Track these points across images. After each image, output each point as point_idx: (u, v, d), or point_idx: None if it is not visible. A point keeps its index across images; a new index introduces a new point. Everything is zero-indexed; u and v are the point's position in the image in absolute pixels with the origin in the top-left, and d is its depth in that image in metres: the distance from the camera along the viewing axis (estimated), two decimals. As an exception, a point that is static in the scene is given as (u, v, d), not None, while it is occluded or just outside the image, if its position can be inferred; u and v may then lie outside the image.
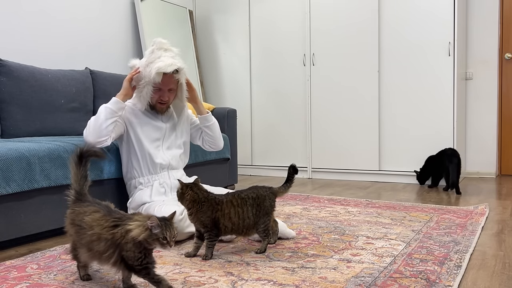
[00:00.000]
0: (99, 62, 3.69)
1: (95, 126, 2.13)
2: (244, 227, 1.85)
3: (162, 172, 2.30)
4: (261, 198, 1.87)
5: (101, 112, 2.14)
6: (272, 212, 1.91)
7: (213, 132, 2.44)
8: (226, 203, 1.83)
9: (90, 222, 1.44)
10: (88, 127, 2.15)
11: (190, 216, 1.82)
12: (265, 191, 1.90)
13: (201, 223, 1.81)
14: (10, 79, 2.64)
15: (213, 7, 4.68)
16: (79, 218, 1.48)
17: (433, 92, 3.73)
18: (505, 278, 1.59)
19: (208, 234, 1.81)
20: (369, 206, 2.82)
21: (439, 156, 3.46)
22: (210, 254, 1.80)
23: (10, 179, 1.95)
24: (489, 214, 2.58)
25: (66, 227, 1.55)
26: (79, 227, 1.47)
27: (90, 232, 1.42)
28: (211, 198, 1.83)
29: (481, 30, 4.13)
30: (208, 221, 1.80)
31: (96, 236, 1.40)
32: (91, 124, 2.14)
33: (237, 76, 4.58)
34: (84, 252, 1.47)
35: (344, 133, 4.08)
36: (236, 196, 1.86)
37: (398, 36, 3.83)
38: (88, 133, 2.14)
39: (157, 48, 2.18)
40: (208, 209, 1.80)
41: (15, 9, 3.07)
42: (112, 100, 2.18)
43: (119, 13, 3.90)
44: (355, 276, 1.58)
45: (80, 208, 1.51)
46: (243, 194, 1.87)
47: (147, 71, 2.15)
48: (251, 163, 4.54)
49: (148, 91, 2.19)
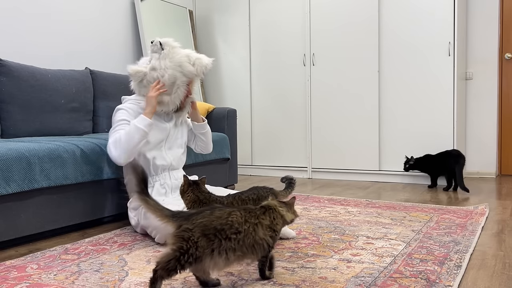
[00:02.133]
0: (99, 62, 3.69)
1: (128, 147, 2.08)
2: None
3: (163, 173, 2.30)
4: (262, 199, 1.87)
5: (135, 133, 2.08)
6: None
7: (207, 138, 2.50)
8: (227, 205, 1.83)
9: (241, 224, 1.42)
10: (119, 148, 2.08)
11: None
12: (266, 192, 1.90)
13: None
14: (10, 79, 2.64)
15: (213, 7, 4.68)
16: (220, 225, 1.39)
17: (433, 92, 3.73)
18: (505, 278, 1.59)
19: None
20: (369, 206, 2.82)
21: (442, 157, 3.44)
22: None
23: (10, 179, 1.95)
24: (489, 214, 2.58)
25: (199, 240, 1.35)
26: (223, 232, 1.38)
27: (243, 234, 1.41)
28: (213, 200, 1.83)
29: (481, 30, 4.13)
30: None
31: (253, 233, 1.43)
32: (124, 145, 2.08)
33: (237, 76, 4.58)
34: (226, 258, 1.39)
35: (344, 133, 4.08)
36: (236, 198, 1.86)
37: (398, 36, 3.83)
38: (119, 153, 2.08)
39: (172, 47, 2.20)
40: None
41: (15, 9, 3.07)
42: (146, 122, 2.11)
43: (119, 13, 3.90)
44: (355, 276, 1.58)
45: (207, 217, 1.38)
46: (244, 195, 1.87)
47: (181, 70, 2.17)
48: (251, 163, 4.54)
49: (183, 90, 2.22)
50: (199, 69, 2.19)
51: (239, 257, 1.43)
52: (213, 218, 1.38)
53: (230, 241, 1.38)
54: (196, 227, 1.35)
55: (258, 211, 1.50)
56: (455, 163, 3.33)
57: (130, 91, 3.27)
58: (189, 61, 2.19)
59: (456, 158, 3.34)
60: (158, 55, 2.21)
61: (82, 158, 2.28)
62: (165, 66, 2.18)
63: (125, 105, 2.25)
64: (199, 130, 2.47)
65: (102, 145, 2.41)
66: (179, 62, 2.17)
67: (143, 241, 2.10)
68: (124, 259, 1.83)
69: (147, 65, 2.23)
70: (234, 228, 1.40)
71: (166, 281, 1.56)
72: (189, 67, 2.18)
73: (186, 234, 1.34)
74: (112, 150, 2.10)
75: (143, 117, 2.12)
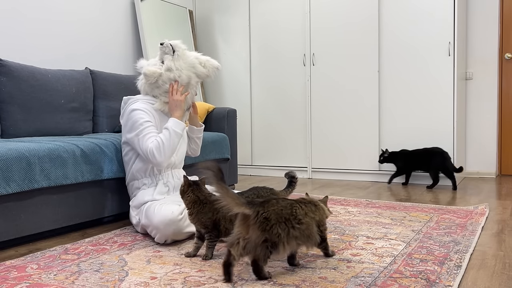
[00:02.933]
0: (99, 62, 3.69)
1: (171, 152, 2.17)
2: None
3: (166, 171, 2.31)
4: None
5: (175, 138, 2.17)
6: None
7: (200, 142, 2.59)
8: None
9: (303, 216, 1.57)
10: (163, 154, 2.13)
11: (191, 216, 1.82)
12: (266, 193, 1.90)
13: (201, 224, 1.80)
14: (10, 79, 2.64)
15: (213, 7, 4.68)
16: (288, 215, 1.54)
17: (433, 92, 3.73)
18: (505, 278, 1.59)
19: (209, 234, 1.81)
20: (369, 206, 2.82)
21: (427, 154, 3.53)
22: (210, 254, 1.80)
23: (10, 179, 1.95)
24: (489, 214, 2.58)
25: (273, 229, 1.48)
26: (289, 223, 1.52)
27: (305, 225, 1.57)
28: (213, 200, 1.82)
29: (481, 30, 4.13)
30: (209, 223, 1.79)
31: (311, 226, 1.59)
32: (167, 151, 2.14)
33: (237, 76, 4.58)
34: (291, 245, 1.55)
35: (344, 133, 4.08)
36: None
37: (398, 36, 3.83)
38: (164, 158, 2.14)
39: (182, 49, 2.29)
40: (209, 210, 1.80)
41: (15, 9, 3.07)
42: (182, 126, 2.21)
43: (119, 13, 3.90)
44: (355, 276, 1.58)
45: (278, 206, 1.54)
46: (244, 195, 1.87)
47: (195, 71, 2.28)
48: (251, 163, 4.54)
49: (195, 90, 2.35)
50: (210, 70, 2.31)
51: (298, 246, 1.60)
52: (281, 208, 1.53)
53: (295, 230, 1.53)
54: (272, 215, 1.49)
55: (312, 206, 1.64)
56: (443, 160, 3.43)
57: (130, 91, 3.29)
58: (200, 63, 2.29)
59: (442, 155, 3.45)
60: (170, 56, 2.26)
61: (82, 158, 2.28)
62: (180, 67, 2.25)
63: (139, 105, 2.24)
64: (197, 134, 2.53)
65: (102, 145, 2.41)
66: (192, 64, 2.27)
67: (143, 241, 2.10)
68: (124, 259, 1.83)
69: (160, 66, 2.27)
70: (297, 219, 1.55)
71: (166, 281, 1.56)
72: (201, 68, 2.29)
73: (265, 222, 1.48)
74: (156, 156, 2.13)
75: (178, 121, 2.20)
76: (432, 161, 3.48)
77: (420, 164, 3.57)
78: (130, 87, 3.32)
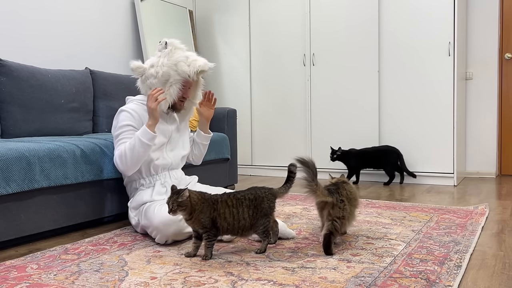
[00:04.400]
0: (99, 62, 3.69)
1: (133, 161, 2.13)
2: (239, 228, 1.83)
3: (163, 172, 2.30)
4: (258, 200, 1.85)
5: (139, 147, 2.10)
6: (271, 213, 1.90)
7: (205, 151, 2.57)
8: (221, 203, 1.82)
9: (355, 198, 2.00)
10: (125, 163, 2.12)
11: (189, 220, 1.81)
12: (264, 193, 1.88)
13: (200, 224, 1.80)
14: (10, 79, 2.64)
15: (213, 7, 4.68)
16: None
17: (433, 92, 3.73)
18: (505, 278, 1.59)
19: (207, 234, 1.80)
20: (369, 206, 2.82)
21: (382, 153, 3.71)
22: (209, 254, 1.80)
23: (10, 179, 1.95)
24: (489, 214, 2.58)
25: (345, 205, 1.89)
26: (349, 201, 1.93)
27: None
28: (208, 198, 1.83)
29: (481, 30, 4.13)
30: (208, 221, 1.79)
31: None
32: (129, 161, 2.12)
33: (237, 76, 4.58)
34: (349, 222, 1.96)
35: (344, 133, 4.08)
36: (231, 197, 1.85)
37: (398, 36, 3.83)
38: (126, 167, 2.14)
39: (175, 48, 2.21)
40: (207, 208, 1.80)
41: (15, 9, 3.07)
42: (150, 136, 2.11)
43: (119, 13, 3.90)
44: (355, 276, 1.58)
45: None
46: (240, 194, 1.86)
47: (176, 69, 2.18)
48: (251, 163, 4.54)
49: (176, 89, 2.21)
50: (192, 69, 2.18)
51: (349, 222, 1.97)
52: (348, 191, 1.93)
53: (352, 207, 1.93)
54: (345, 198, 1.89)
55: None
56: (398, 157, 3.69)
57: (131, 91, 3.29)
58: (186, 62, 2.20)
59: (397, 153, 3.70)
60: (159, 53, 2.24)
61: (82, 158, 2.28)
62: (162, 63, 2.20)
63: (128, 107, 2.24)
64: (202, 140, 2.52)
65: (102, 145, 2.41)
66: (176, 61, 2.18)
67: (143, 241, 2.10)
68: (124, 259, 1.83)
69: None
70: (355, 200, 1.98)
71: (166, 281, 1.56)
72: (184, 66, 2.18)
73: (342, 203, 1.87)
74: (118, 164, 2.15)
75: (146, 130, 2.11)
76: (387, 159, 3.68)
77: (374, 163, 3.73)
78: (130, 87, 3.32)
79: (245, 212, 1.83)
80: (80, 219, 2.32)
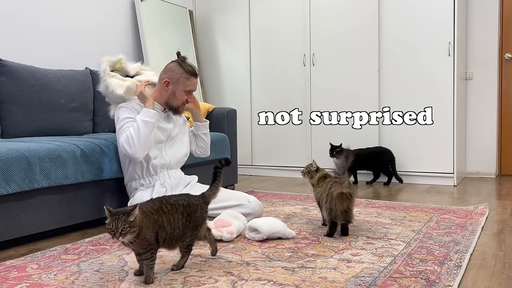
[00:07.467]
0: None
1: (141, 142, 2.14)
2: (174, 238, 1.61)
3: (162, 172, 2.31)
4: (192, 207, 1.66)
5: (143, 127, 2.15)
6: (202, 224, 1.71)
7: (208, 139, 2.57)
8: (157, 212, 1.57)
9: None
10: (133, 145, 2.14)
11: (134, 243, 1.48)
12: (197, 201, 1.70)
13: (146, 242, 1.52)
14: (10, 79, 2.64)
15: (213, 7, 4.68)
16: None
17: (433, 92, 3.73)
18: (505, 278, 1.59)
19: (150, 252, 1.54)
20: (369, 206, 2.82)
21: (375, 154, 3.74)
22: (152, 275, 1.56)
23: (10, 179, 1.95)
24: (489, 214, 2.58)
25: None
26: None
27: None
28: (146, 210, 1.54)
29: (481, 30, 4.13)
30: (153, 237, 1.54)
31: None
32: (136, 142, 2.14)
33: (237, 76, 4.57)
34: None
35: (344, 133, 4.08)
36: (164, 202, 1.62)
37: (398, 36, 3.83)
38: (135, 150, 2.14)
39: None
40: (150, 222, 1.53)
41: (15, 9, 3.07)
42: (151, 113, 2.19)
43: (119, 13, 3.90)
44: (355, 276, 1.58)
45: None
46: (172, 199, 1.64)
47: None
48: (251, 163, 4.54)
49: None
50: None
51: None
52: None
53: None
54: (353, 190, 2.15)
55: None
56: (392, 158, 3.73)
57: (130, 91, 3.29)
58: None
59: (390, 154, 3.74)
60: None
61: (82, 158, 2.28)
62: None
63: (126, 103, 2.32)
64: (202, 130, 2.53)
65: (102, 145, 2.41)
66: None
67: (143, 241, 2.10)
68: (124, 259, 1.83)
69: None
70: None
71: (166, 281, 1.56)
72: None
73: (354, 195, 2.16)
74: (127, 148, 2.15)
75: (145, 109, 2.20)
76: (382, 159, 3.73)
77: (368, 164, 3.77)
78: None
79: (179, 219, 1.62)
80: (80, 219, 2.32)
